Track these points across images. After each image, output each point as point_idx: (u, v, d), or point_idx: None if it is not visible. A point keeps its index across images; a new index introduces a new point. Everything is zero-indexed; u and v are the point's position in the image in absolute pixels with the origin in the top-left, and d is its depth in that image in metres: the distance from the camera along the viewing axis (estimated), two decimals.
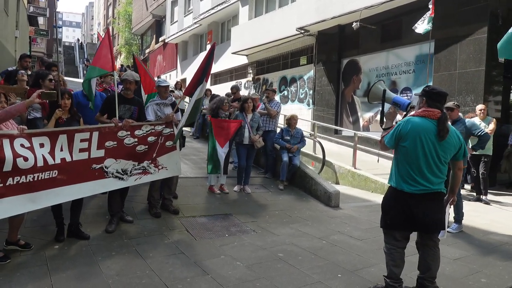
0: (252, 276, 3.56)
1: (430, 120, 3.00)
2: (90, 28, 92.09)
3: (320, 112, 13.18)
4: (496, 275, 3.80)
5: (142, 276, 3.42)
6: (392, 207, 3.13)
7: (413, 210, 3.00)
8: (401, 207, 3.06)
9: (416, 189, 2.99)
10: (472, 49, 8.33)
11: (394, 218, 3.10)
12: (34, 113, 5.17)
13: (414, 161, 3.00)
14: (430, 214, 3.02)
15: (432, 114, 3.00)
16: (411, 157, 3.00)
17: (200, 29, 22.96)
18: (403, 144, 3.04)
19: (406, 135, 3.01)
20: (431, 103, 3.05)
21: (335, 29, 12.34)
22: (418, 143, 2.98)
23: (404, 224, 3.08)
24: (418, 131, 2.98)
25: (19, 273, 3.34)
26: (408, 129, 3.01)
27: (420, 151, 2.98)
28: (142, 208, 5.28)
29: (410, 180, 3.01)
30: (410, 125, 3.01)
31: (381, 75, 11.14)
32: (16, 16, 17.09)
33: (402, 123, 3.06)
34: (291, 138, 7.22)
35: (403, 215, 3.05)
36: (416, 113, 3.09)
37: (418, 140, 2.98)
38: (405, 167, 3.04)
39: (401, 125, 3.06)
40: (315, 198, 6.74)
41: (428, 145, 2.97)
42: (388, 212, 3.17)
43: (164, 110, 5.12)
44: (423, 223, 3.02)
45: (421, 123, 3.00)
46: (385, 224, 3.19)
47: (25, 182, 3.51)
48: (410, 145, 3.00)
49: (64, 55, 40.33)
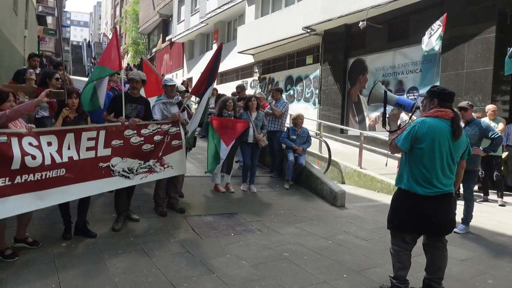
0: (257, 276, 3.56)
1: (444, 120, 2.95)
2: (97, 28, 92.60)
3: (326, 112, 13.15)
4: (504, 276, 3.77)
5: (148, 275, 3.45)
6: (403, 210, 3.06)
7: (427, 212, 2.95)
8: (412, 209, 3.00)
9: (431, 191, 2.94)
10: (480, 49, 8.26)
11: (405, 220, 3.04)
12: (42, 112, 5.22)
13: (430, 163, 2.94)
14: (443, 216, 2.98)
15: (445, 114, 2.96)
16: (428, 159, 2.94)
17: (207, 28, 23.00)
18: (420, 146, 2.95)
19: (423, 136, 2.93)
20: (442, 104, 3.01)
21: (342, 28, 12.30)
22: (435, 144, 2.92)
23: (416, 227, 3.03)
24: (434, 132, 2.92)
25: (27, 270, 3.38)
26: (424, 130, 2.93)
27: (437, 153, 2.93)
28: (148, 206, 5.31)
29: (424, 182, 2.95)
30: (426, 126, 2.93)
31: (387, 75, 11.09)
32: (25, 15, 17.23)
33: (417, 124, 2.97)
34: (297, 137, 7.21)
35: (415, 217, 2.99)
36: (428, 114, 3.02)
37: (436, 141, 2.92)
38: (420, 170, 2.97)
39: (416, 126, 2.96)
40: (320, 198, 6.73)
41: (444, 146, 2.93)
42: (398, 214, 3.11)
43: (171, 109, 5.14)
44: (437, 225, 2.98)
45: (436, 124, 2.94)
46: (394, 226, 3.15)
47: (33, 180, 3.55)
48: (427, 147, 2.93)
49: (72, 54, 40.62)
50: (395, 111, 3.28)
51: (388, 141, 3.23)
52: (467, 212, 5.06)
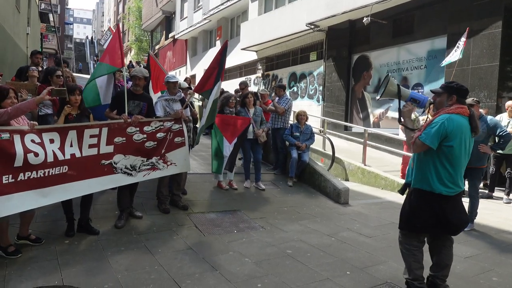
0: (260, 273, 3.55)
1: (464, 117, 2.89)
2: (100, 25, 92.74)
3: (330, 108, 13.10)
4: (508, 274, 3.73)
5: (151, 272, 3.44)
6: (426, 211, 2.94)
7: (448, 212, 2.88)
8: (435, 211, 2.90)
9: (453, 191, 2.89)
10: (486, 44, 8.17)
11: (426, 222, 2.95)
12: (45, 109, 5.23)
13: (457, 162, 2.87)
14: (461, 215, 2.96)
15: (465, 111, 2.89)
16: (456, 158, 2.86)
17: (210, 25, 22.95)
18: (448, 144, 2.83)
19: (452, 133, 2.81)
20: (460, 100, 2.94)
21: (346, 24, 12.22)
22: (463, 142, 2.85)
23: (434, 227, 2.96)
24: (461, 130, 2.84)
25: (30, 267, 3.38)
26: (454, 127, 2.82)
27: (463, 151, 2.88)
28: (151, 204, 5.31)
29: (450, 183, 2.88)
30: (455, 124, 2.82)
31: (392, 71, 11.01)
32: (27, 12, 17.26)
33: (445, 120, 2.84)
34: (301, 134, 7.18)
35: (435, 218, 2.91)
36: (451, 110, 2.90)
37: (463, 139, 2.85)
38: (447, 170, 2.87)
39: (445, 123, 2.83)
40: (324, 195, 6.71)
41: (468, 143, 2.90)
42: (420, 216, 2.97)
43: (173, 106, 5.13)
44: (456, 225, 2.93)
45: (460, 121, 2.86)
46: (413, 227, 3.03)
47: (35, 177, 3.55)
48: (456, 144, 2.83)
49: (75, 52, 40.71)
50: (409, 106, 3.13)
51: (410, 139, 3.03)
52: (471, 209, 5.01)
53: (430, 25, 9.75)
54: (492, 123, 5.04)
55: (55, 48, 27.97)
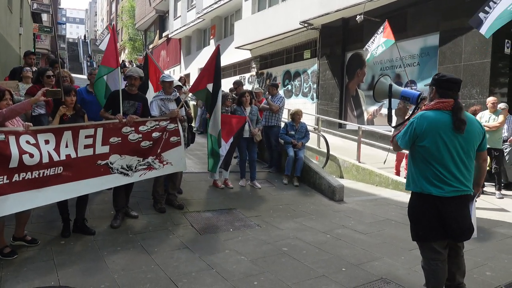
0: (256, 271, 3.58)
1: (446, 112, 2.64)
2: (93, 25, 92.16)
3: (324, 106, 13.14)
4: (501, 268, 3.79)
5: (147, 271, 3.45)
6: (423, 216, 2.73)
7: (446, 216, 2.65)
8: (431, 213, 2.68)
9: (445, 192, 2.63)
10: (477, 41, 8.25)
11: (427, 227, 2.71)
12: (38, 110, 5.21)
13: (439, 161, 2.63)
14: (464, 220, 2.68)
15: (447, 105, 2.64)
16: (435, 157, 2.64)
17: (204, 24, 22.90)
18: (422, 144, 2.66)
19: (423, 133, 2.64)
20: (442, 93, 2.69)
21: (339, 22, 12.26)
22: (439, 140, 2.62)
23: (440, 233, 2.70)
24: (436, 127, 2.62)
25: (26, 268, 3.38)
26: (424, 126, 2.63)
27: (444, 149, 2.62)
28: (147, 203, 5.31)
29: (437, 181, 2.63)
30: (426, 122, 2.64)
31: (385, 68, 11.07)
32: (20, 13, 17.12)
33: (416, 120, 2.68)
34: (296, 132, 7.21)
35: (436, 222, 2.68)
36: (428, 106, 2.72)
37: (439, 137, 2.62)
38: (429, 168, 2.66)
39: (414, 123, 2.67)
40: (319, 192, 6.75)
41: (451, 141, 2.62)
42: (419, 222, 2.76)
43: (169, 106, 5.13)
44: (457, 231, 2.67)
45: (437, 117, 2.64)
46: (418, 236, 2.81)
47: (31, 178, 3.55)
48: (430, 144, 2.63)
49: (68, 52, 40.43)
50: (401, 105, 2.97)
51: (391, 138, 2.93)
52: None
53: (422, 22, 9.82)
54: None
55: (47, 48, 27.77)
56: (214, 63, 5.13)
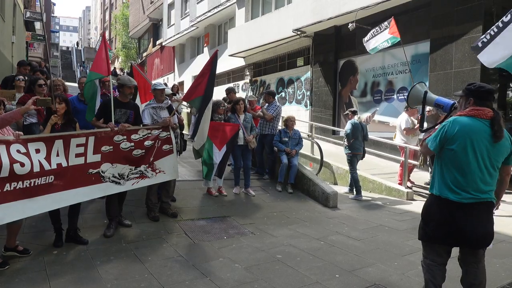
0: (251, 278, 3.57)
1: (481, 120, 2.64)
2: (87, 33, 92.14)
3: (317, 113, 13.21)
4: (493, 272, 3.81)
5: (140, 280, 3.43)
6: (434, 218, 2.77)
7: (460, 222, 2.65)
8: (444, 218, 2.70)
9: (464, 198, 2.63)
10: (467, 48, 8.35)
11: (436, 230, 2.75)
12: (30, 119, 5.19)
13: (464, 167, 2.64)
14: (479, 227, 2.66)
15: (483, 113, 2.64)
16: (461, 162, 2.64)
17: (197, 32, 22.99)
18: (451, 147, 2.66)
19: (454, 136, 2.64)
20: (480, 103, 2.69)
21: (332, 30, 12.38)
22: (468, 145, 2.61)
23: (446, 238, 2.72)
24: (468, 132, 2.62)
25: (17, 279, 3.34)
26: (455, 130, 2.64)
27: (471, 155, 2.62)
28: (140, 212, 5.29)
29: (456, 188, 2.65)
30: (458, 126, 2.64)
31: (377, 75, 11.18)
32: (12, 21, 17.09)
33: (448, 123, 2.69)
34: (289, 139, 7.22)
35: (446, 227, 2.70)
36: (463, 112, 2.71)
37: (469, 142, 2.61)
38: (452, 173, 2.67)
39: (446, 126, 2.69)
40: (313, 199, 6.76)
41: (480, 148, 2.61)
42: (429, 223, 2.80)
43: (161, 114, 5.13)
44: (472, 237, 2.66)
45: (471, 123, 2.64)
46: (425, 236, 2.85)
47: (22, 187, 3.52)
48: (459, 148, 2.63)
49: (61, 60, 40.31)
50: (433, 111, 3.04)
51: (420, 141, 2.98)
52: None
53: (413, 30, 9.94)
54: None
55: (40, 57, 27.68)
56: (210, 68, 5.12)
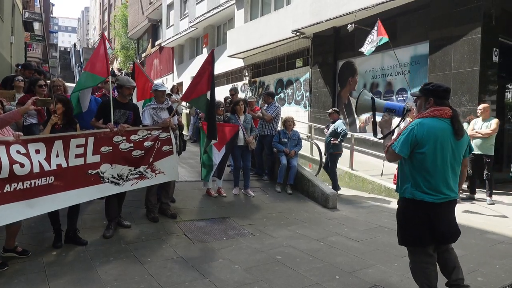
0: (250, 279, 3.56)
1: (443, 120, 2.71)
2: (86, 33, 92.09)
3: (316, 114, 13.21)
4: (493, 273, 3.82)
5: (140, 281, 3.42)
6: (413, 221, 2.80)
7: (436, 221, 2.72)
8: (422, 219, 2.75)
9: (437, 198, 2.70)
10: (467, 49, 8.38)
11: (418, 232, 2.78)
12: (30, 119, 5.18)
13: (434, 168, 2.69)
14: (451, 223, 2.80)
15: (444, 112, 2.71)
16: (431, 164, 2.69)
17: (196, 33, 22.99)
18: (421, 151, 2.69)
19: (423, 140, 2.67)
20: (439, 102, 2.76)
21: (331, 31, 12.39)
22: (438, 147, 2.67)
23: (429, 237, 2.77)
24: (435, 134, 2.67)
25: (17, 280, 3.33)
26: (424, 132, 2.67)
27: (440, 156, 2.68)
28: (139, 213, 5.28)
29: (429, 190, 2.70)
30: (426, 128, 2.68)
31: (376, 77, 11.19)
32: (11, 21, 17.05)
33: (415, 126, 2.71)
34: (288, 140, 7.23)
35: (424, 227, 2.75)
36: (424, 114, 2.76)
37: (438, 143, 2.67)
38: (423, 176, 2.72)
39: (415, 129, 2.70)
40: (312, 200, 6.76)
41: (447, 148, 2.70)
42: (408, 227, 2.83)
43: (161, 115, 5.13)
44: (446, 234, 2.77)
45: (436, 125, 2.70)
46: (406, 241, 2.89)
47: (22, 188, 3.51)
48: (429, 150, 2.67)
49: (60, 60, 40.22)
50: (386, 117, 3.02)
51: (384, 148, 2.94)
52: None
53: (412, 31, 9.96)
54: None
55: (39, 57, 27.64)
56: (210, 68, 5.09)
